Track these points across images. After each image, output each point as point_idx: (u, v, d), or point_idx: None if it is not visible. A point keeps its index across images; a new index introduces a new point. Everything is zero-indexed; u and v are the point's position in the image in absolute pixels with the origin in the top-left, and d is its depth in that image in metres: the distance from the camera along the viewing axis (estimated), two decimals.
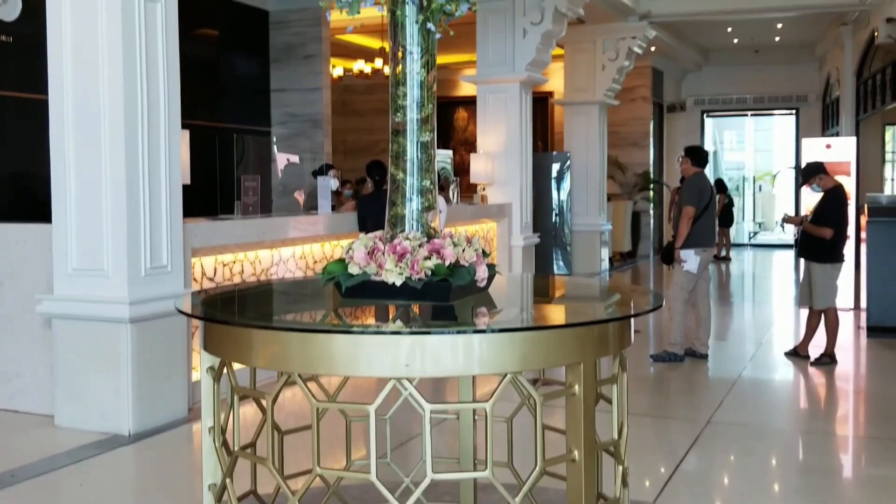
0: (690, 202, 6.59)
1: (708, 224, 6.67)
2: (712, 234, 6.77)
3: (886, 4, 10.75)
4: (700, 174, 6.78)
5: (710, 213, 6.69)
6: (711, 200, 6.70)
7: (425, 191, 2.65)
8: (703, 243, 6.61)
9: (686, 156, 6.87)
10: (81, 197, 4.21)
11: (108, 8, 4.12)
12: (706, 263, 6.71)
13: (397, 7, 2.77)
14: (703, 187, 6.69)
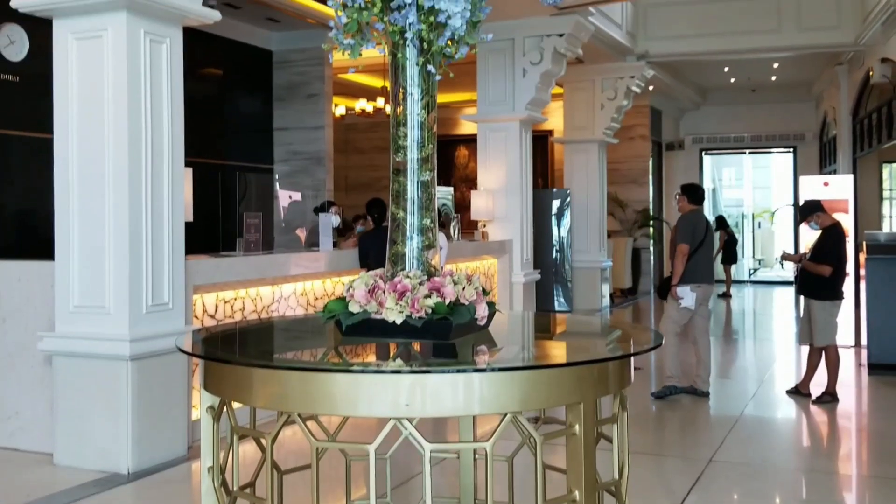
0: (684, 239, 6.65)
1: (703, 261, 6.70)
2: (709, 270, 6.78)
3: (880, 45, 10.90)
4: (696, 211, 6.84)
5: (705, 250, 6.72)
6: (707, 237, 6.73)
7: (425, 229, 2.68)
8: (699, 279, 6.64)
9: (682, 193, 6.94)
10: (84, 234, 4.24)
11: (114, 48, 4.18)
12: (704, 300, 6.73)
13: (398, 50, 2.83)
14: (696, 224, 6.73)
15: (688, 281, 6.61)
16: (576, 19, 9.36)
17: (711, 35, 12.11)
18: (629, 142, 14.89)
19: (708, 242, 6.75)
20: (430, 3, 2.66)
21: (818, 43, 11.97)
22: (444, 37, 2.77)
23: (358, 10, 2.73)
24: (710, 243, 6.83)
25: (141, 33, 4.23)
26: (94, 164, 4.22)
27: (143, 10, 4.20)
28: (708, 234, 6.74)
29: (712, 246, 6.90)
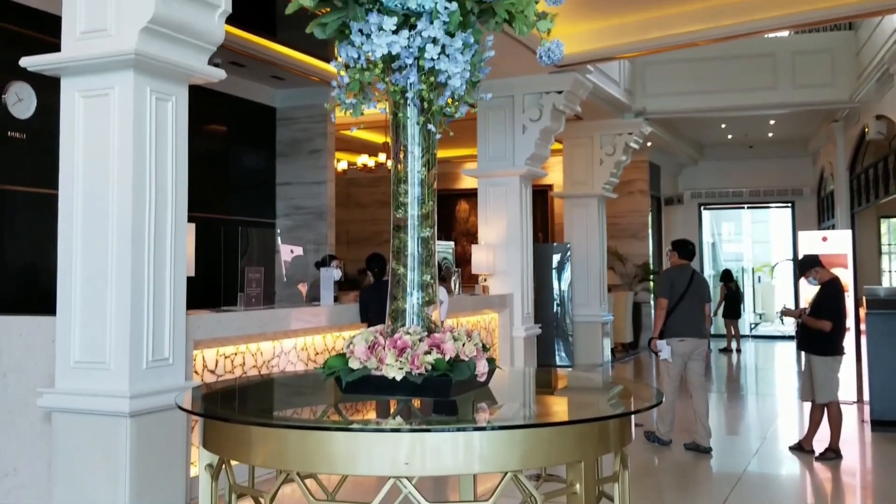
0: (662, 294, 6.86)
1: (685, 314, 6.80)
2: (692, 324, 6.83)
3: (875, 102, 11.05)
4: (681, 266, 6.99)
5: (688, 304, 6.80)
6: (689, 291, 6.82)
7: (426, 285, 2.70)
8: (682, 333, 6.76)
9: (673, 249, 7.13)
10: (87, 290, 4.26)
11: (121, 106, 4.25)
12: (688, 353, 6.80)
13: (399, 109, 2.89)
14: (676, 279, 6.88)
15: (670, 334, 6.76)
16: (574, 77, 9.51)
17: (708, 92, 12.31)
18: (628, 196, 15.00)
19: (691, 296, 6.81)
20: (430, 63, 2.72)
21: (813, 100, 12.15)
22: (445, 96, 2.83)
23: (360, 70, 2.79)
24: (696, 297, 6.87)
25: (147, 91, 4.30)
26: (98, 219, 4.25)
27: (150, 69, 4.27)
28: (691, 288, 6.82)
29: (699, 300, 6.91)
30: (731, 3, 8.29)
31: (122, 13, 4.18)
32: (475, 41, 2.84)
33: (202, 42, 4.47)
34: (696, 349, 6.82)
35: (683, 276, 6.91)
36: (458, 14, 2.72)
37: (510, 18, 2.86)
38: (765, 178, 17.08)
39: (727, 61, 12.11)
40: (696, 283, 6.93)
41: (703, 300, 6.93)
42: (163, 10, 4.14)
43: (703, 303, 6.93)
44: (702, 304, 6.93)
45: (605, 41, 9.01)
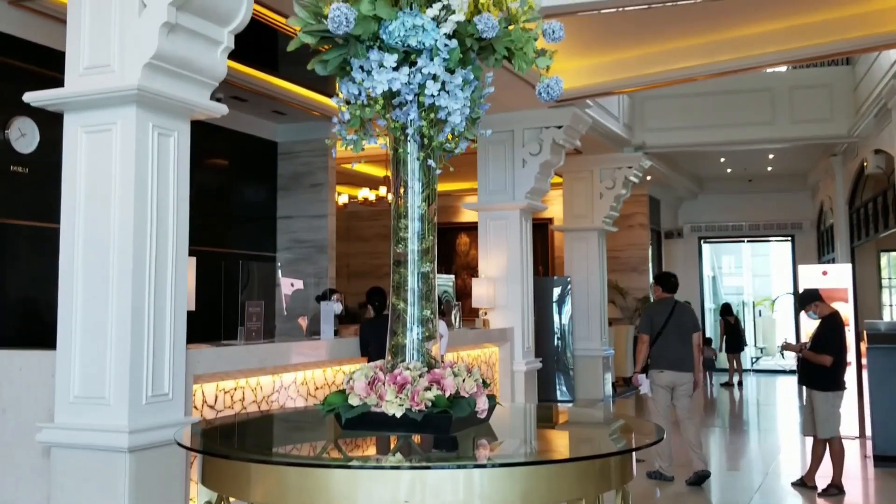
0: (642, 330, 7.07)
1: (663, 347, 6.92)
2: (671, 357, 6.92)
3: (873, 136, 11.11)
4: (662, 300, 7.14)
5: (665, 337, 6.92)
6: (668, 324, 6.92)
7: (425, 320, 2.70)
8: (660, 365, 6.90)
9: (657, 283, 7.30)
10: (87, 324, 4.25)
11: (123, 142, 4.27)
12: (670, 385, 6.90)
13: (399, 145, 2.91)
14: (654, 314, 7.05)
15: (653, 367, 6.93)
16: (573, 112, 9.58)
17: (706, 127, 12.39)
18: (628, 230, 15.03)
19: (671, 329, 6.90)
20: (430, 100, 2.75)
21: (812, 135, 12.23)
22: (445, 132, 2.86)
23: (361, 107, 2.82)
24: (675, 331, 6.94)
25: (149, 127, 4.33)
26: (99, 253, 4.26)
27: (153, 105, 4.30)
28: (670, 321, 6.93)
29: (680, 332, 6.96)
30: (729, 39, 8.37)
31: (125, 49, 4.23)
32: (475, 78, 2.87)
33: (205, 78, 4.51)
34: (680, 383, 6.89)
35: (663, 310, 7.05)
36: (458, 51, 2.75)
37: (509, 55, 2.89)
38: (764, 211, 17.13)
39: (725, 96, 12.20)
40: (677, 316, 7.01)
41: (685, 332, 6.97)
42: (166, 46, 4.18)
43: (685, 335, 6.97)
44: (684, 336, 6.96)
45: (604, 76, 9.08)
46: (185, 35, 4.27)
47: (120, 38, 4.25)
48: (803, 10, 7.67)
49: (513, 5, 2.86)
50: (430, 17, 2.65)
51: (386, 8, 2.65)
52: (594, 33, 8.00)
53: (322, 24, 2.67)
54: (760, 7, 7.29)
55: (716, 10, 7.22)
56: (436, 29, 2.66)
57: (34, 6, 6.08)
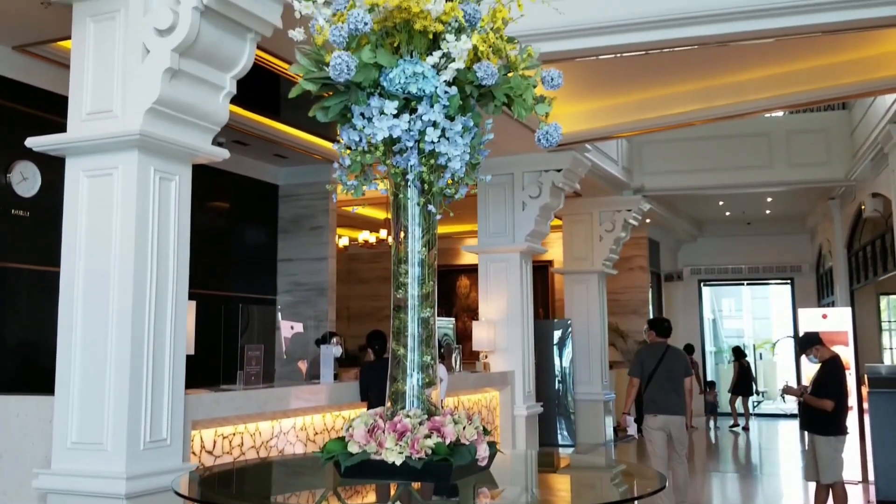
0: (633, 373, 7.22)
1: (656, 392, 7.04)
2: (662, 401, 7.03)
3: (871, 180, 11.17)
4: (654, 344, 7.25)
5: (656, 381, 7.03)
6: (658, 368, 7.03)
7: (426, 366, 2.69)
8: (652, 410, 7.02)
9: (650, 328, 7.46)
10: (85, 369, 4.23)
11: (124, 186, 4.29)
12: (665, 429, 6.99)
13: (400, 190, 2.92)
14: (645, 358, 7.19)
15: (646, 411, 7.05)
16: (573, 155, 9.64)
17: (704, 171, 12.47)
18: (628, 273, 15.03)
19: (661, 374, 7.02)
20: (431, 146, 2.77)
21: (809, 178, 12.30)
22: (445, 178, 2.87)
23: (361, 153, 2.84)
24: (666, 375, 7.05)
25: (151, 171, 4.35)
26: (99, 298, 4.26)
27: (154, 149, 4.33)
28: (661, 366, 7.05)
29: (671, 376, 7.07)
30: (726, 84, 8.46)
31: (127, 94, 4.27)
32: (475, 124, 2.89)
33: (207, 123, 4.55)
34: (674, 426, 7.01)
35: (654, 354, 7.17)
36: (458, 98, 2.78)
37: (509, 102, 2.92)
38: (763, 254, 17.15)
39: (723, 140, 12.30)
40: (668, 360, 7.13)
41: (676, 376, 7.09)
42: (168, 91, 4.22)
43: (677, 378, 7.09)
44: (675, 381, 7.08)
45: (602, 121, 9.16)
46: (187, 80, 4.31)
47: (123, 83, 4.30)
48: (799, 56, 7.77)
49: (512, 53, 2.90)
50: (431, 65, 2.69)
51: (387, 56, 2.68)
52: (592, 78, 8.09)
53: (323, 71, 2.70)
54: (757, 53, 7.38)
55: (713, 56, 7.32)
56: (436, 76, 2.69)
57: (38, 51, 6.15)
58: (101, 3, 4.41)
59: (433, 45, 2.72)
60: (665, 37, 6.16)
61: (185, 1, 4.14)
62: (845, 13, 5.77)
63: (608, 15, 6.11)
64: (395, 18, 2.63)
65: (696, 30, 6.08)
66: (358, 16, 2.56)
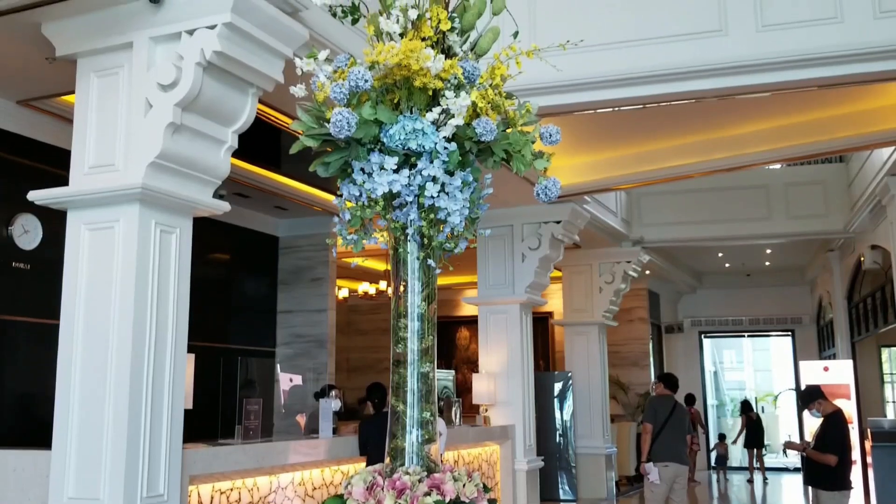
0: (646, 419, 7.45)
1: (667, 442, 7.24)
2: (674, 451, 7.26)
3: (869, 232, 11.21)
4: (665, 396, 7.51)
5: (670, 432, 7.25)
6: (671, 420, 7.28)
7: (425, 422, 2.67)
8: (665, 458, 7.20)
9: (659, 380, 7.78)
10: (83, 423, 4.20)
11: (125, 239, 4.31)
12: (672, 478, 7.18)
13: (399, 244, 2.93)
14: (658, 407, 7.42)
15: (657, 460, 7.23)
16: (572, 207, 9.69)
17: (703, 222, 12.51)
18: (629, 324, 14.99)
19: (673, 425, 7.27)
20: (430, 201, 2.79)
21: (808, 230, 12.34)
22: (444, 232, 2.88)
23: (361, 207, 2.86)
24: (677, 426, 7.32)
25: (152, 224, 4.37)
26: (98, 351, 4.24)
27: (156, 203, 4.35)
28: (672, 418, 7.28)
29: (680, 429, 7.35)
30: (723, 138, 8.55)
31: (130, 148, 4.31)
32: (474, 179, 2.92)
33: (208, 176, 4.58)
34: (679, 475, 7.25)
35: (666, 406, 7.42)
36: (458, 153, 2.81)
37: (508, 157, 2.95)
38: (764, 306, 17.13)
39: (721, 192, 12.36)
40: (677, 414, 7.43)
41: (683, 429, 7.42)
42: (170, 145, 4.26)
43: (683, 432, 7.41)
44: (682, 433, 7.40)
45: (601, 173, 9.23)
46: (189, 135, 4.35)
47: (125, 137, 4.34)
48: (796, 110, 7.86)
49: (511, 109, 2.94)
50: (430, 121, 2.72)
51: (387, 112, 2.72)
52: (591, 131, 8.17)
53: (324, 127, 2.73)
54: (754, 106, 7.47)
55: (710, 110, 7.40)
56: (435, 132, 2.72)
57: (41, 106, 6.22)
58: (105, 59, 4.47)
59: (433, 102, 2.76)
60: (662, 91, 6.24)
61: (188, 57, 4.20)
62: (840, 68, 5.85)
63: (605, 70, 6.19)
64: (395, 76, 2.67)
65: (693, 84, 6.16)
66: (358, 73, 2.59)
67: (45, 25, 4.59)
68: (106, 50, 4.45)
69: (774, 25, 5.91)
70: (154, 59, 4.33)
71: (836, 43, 5.74)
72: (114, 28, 4.39)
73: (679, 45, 6.08)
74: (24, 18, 4.56)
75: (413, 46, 2.58)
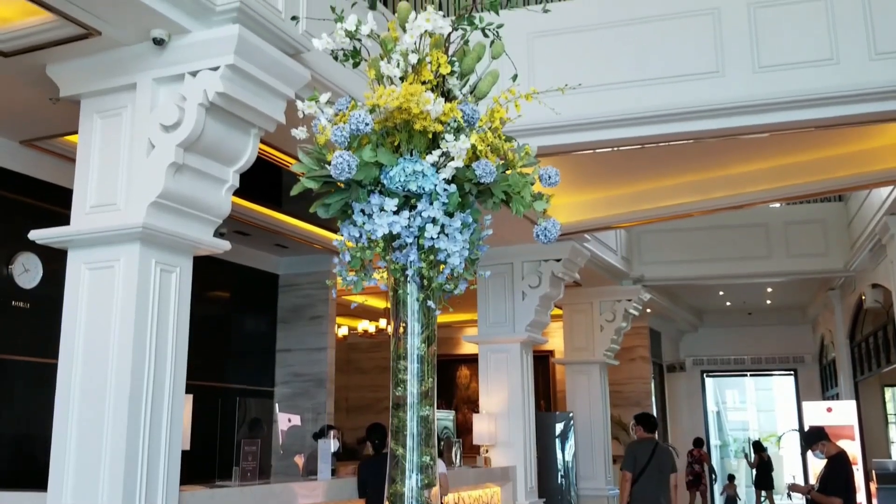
0: (626, 467, 7.48)
1: (648, 486, 7.26)
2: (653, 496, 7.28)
3: (870, 270, 11.20)
4: (644, 440, 7.51)
5: (647, 477, 7.27)
6: (649, 464, 7.28)
7: (425, 467, 2.64)
8: None
9: (638, 423, 7.78)
10: (80, 464, 4.16)
11: (125, 278, 4.30)
12: None
13: (399, 286, 2.93)
14: (638, 453, 7.45)
15: None
16: (572, 245, 9.70)
17: (703, 261, 12.50)
18: (630, 363, 14.92)
19: (652, 469, 7.26)
20: (430, 242, 2.78)
21: (808, 269, 12.33)
22: (444, 273, 2.88)
23: (361, 248, 2.85)
24: (656, 470, 7.29)
25: (152, 263, 4.37)
26: (96, 391, 4.22)
27: (156, 242, 4.36)
28: (652, 462, 7.29)
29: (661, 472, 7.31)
30: (722, 177, 8.58)
31: (132, 188, 4.33)
32: (474, 220, 2.92)
33: (209, 215, 4.59)
34: None
35: (646, 450, 7.43)
36: (457, 195, 2.81)
37: (507, 199, 2.95)
38: (766, 345, 17.06)
39: (721, 231, 12.38)
40: (658, 457, 7.40)
41: (665, 472, 7.36)
42: (172, 185, 4.28)
43: (665, 475, 7.36)
44: (664, 477, 7.34)
45: (600, 211, 9.25)
46: (191, 174, 4.38)
47: (127, 177, 4.36)
48: (795, 149, 7.90)
49: (510, 151, 2.95)
50: (430, 163, 2.72)
51: (387, 154, 2.73)
52: (590, 170, 8.20)
53: (325, 169, 2.74)
54: (753, 146, 7.51)
55: (709, 149, 7.43)
56: (435, 174, 2.72)
57: (44, 145, 6.26)
58: (109, 100, 4.51)
59: (433, 144, 2.77)
60: (660, 131, 6.28)
61: (191, 97, 4.24)
62: (836, 109, 5.89)
63: (604, 110, 6.24)
64: (395, 119, 2.68)
65: (691, 125, 6.20)
66: (359, 116, 2.61)
67: (50, 67, 4.64)
68: (110, 91, 4.49)
69: (771, 67, 5.97)
70: (157, 99, 4.37)
71: (832, 84, 5.79)
72: (118, 69, 4.44)
73: (677, 86, 6.14)
74: (30, 60, 4.61)
75: (413, 90, 2.60)
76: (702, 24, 6.19)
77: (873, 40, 5.78)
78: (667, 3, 6.38)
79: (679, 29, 6.26)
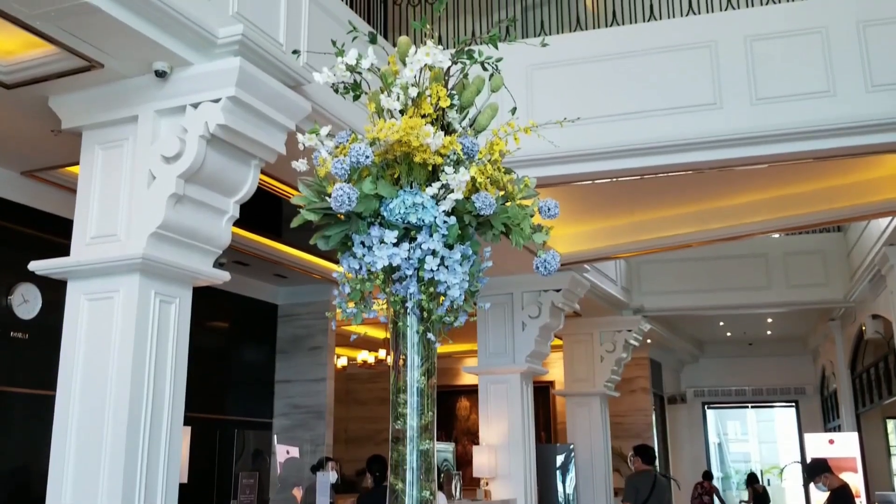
0: (627, 498, 7.55)
1: None
2: None
3: (870, 301, 11.19)
4: (644, 472, 7.58)
5: None
6: (651, 496, 7.34)
7: (425, 501, 2.61)
8: None
9: (636, 454, 7.87)
10: (77, 497, 4.12)
11: (124, 309, 4.29)
12: None
13: (399, 318, 2.92)
14: (639, 485, 7.51)
15: None
16: (571, 275, 9.69)
17: (703, 291, 12.49)
18: (631, 395, 14.85)
19: (655, 501, 7.34)
20: (430, 274, 2.78)
21: (808, 300, 12.32)
22: (444, 305, 2.87)
23: (361, 281, 2.85)
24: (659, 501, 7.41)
25: (151, 294, 4.36)
26: (93, 423, 4.19)
27: (156, 273, 4.35)
28: (653, 494, 7.33)
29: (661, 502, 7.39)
30: (721, 208, 8.60)
31: (132, 219, 4.33)
32: (473, 252, 2.92)
33: (209, 246, 4.59)
34: None
35: (646, 482, 7.48)
36: (457, 227, 2.82)
37: (507, 231, 2.95)
38: (767, 375, 16.99)
39: (721, 261, 12.38)
40: (658, 489, 7.47)
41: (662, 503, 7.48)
42: (172, 216, 4.29)
43: None
44: None
45: (600, 242, 9.26)
46: (191, 205, 4.38)
47: (128, 208, 4.36)
48: (793, 180, 7.93)
49: (510, 183, 2.96)
50: (430, 196, 2.73)
51: (387, 187, 2.74)
52: (590, 200, 8.23)
53: (325, 201, 2.74)
54: (751, 177, 7.54)
55: (708, 180, 7.46)
56: (435, 206, 2.73)
57: (45, 176, 6.27)
58: (111, 132, 4.53)
59: (432, 177, 2.78)
60: (659, 162, 6.31)
61: (192, 129, 4.26)
62: (834, 141, 5.93)
63: (602, 142, 6.27)
64: (395, 151, 2.70)
65: (689, 156, 6.22)
66: (360, 149, 2.62)
67: (52, 99, 4.66)
68: (111, 123, 4.51)
69: (768, 99, 6.01)
70: (158, 131, 4.39)
71: (830, 116, 5.83)
72: (120, 102, 4.46)
73: (675, 117, 6.18)
74: (32, 92, 4.64)
75: (413, 123, 2.61)
76: (699, 57, 6.25)
77: (869, 73, 5.83)
78: (664, 36, 6.44)
79: (677, 61, 6.31)
